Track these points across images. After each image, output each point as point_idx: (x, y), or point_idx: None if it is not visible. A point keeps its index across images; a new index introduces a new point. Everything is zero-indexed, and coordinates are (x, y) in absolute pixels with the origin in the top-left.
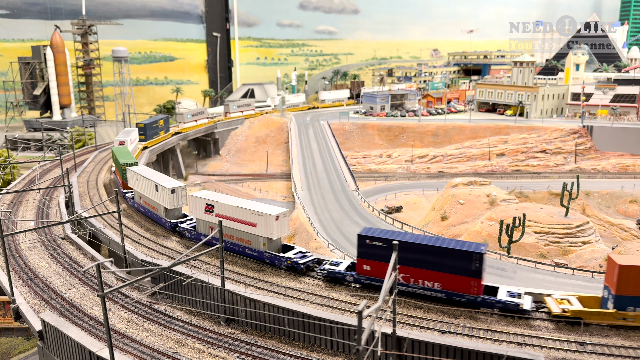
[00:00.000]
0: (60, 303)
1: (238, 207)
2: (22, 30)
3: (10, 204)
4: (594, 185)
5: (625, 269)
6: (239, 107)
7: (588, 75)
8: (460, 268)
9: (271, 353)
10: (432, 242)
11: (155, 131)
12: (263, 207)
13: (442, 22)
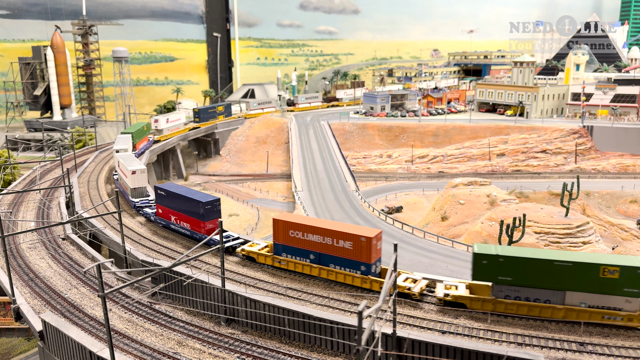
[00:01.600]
0: (60, 303)
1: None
2: (22, 31)
3: (11, 205)
4: (594, 185)
5: (276, 222)
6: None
7: (588, 75)
8: (196, 213)
9: (271, 353)
10: (184, 193)
11: (211, 115)
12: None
13: (442, 22)
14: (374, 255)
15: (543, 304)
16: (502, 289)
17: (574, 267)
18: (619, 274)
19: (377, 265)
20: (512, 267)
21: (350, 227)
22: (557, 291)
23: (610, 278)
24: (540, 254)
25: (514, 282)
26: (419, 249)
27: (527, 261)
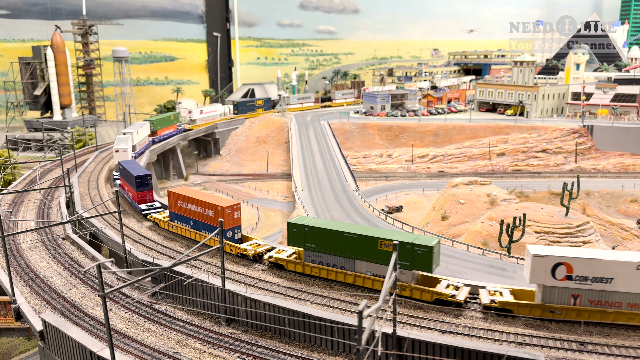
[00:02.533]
0: (61, 303)
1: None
2: (22, 31)
3: (11, 204)
4: (595, 184)
5: (169, 194)
6: (343, 94)
7: (588, 75)
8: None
9: (272, 353)
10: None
11: (250, 108)
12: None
13: (442, 21)
14: (230, 223)
15: (338, 270)
16: (309, 254)
17: (358, 239)
18: (393, 248)
19: (236, 232)
20: (315, 236)
21: (214, 198)
22: (348, 259)
23: (386, 250)
24: (335, 225)
25: (317, 249)
26: None
27: (324, 231)
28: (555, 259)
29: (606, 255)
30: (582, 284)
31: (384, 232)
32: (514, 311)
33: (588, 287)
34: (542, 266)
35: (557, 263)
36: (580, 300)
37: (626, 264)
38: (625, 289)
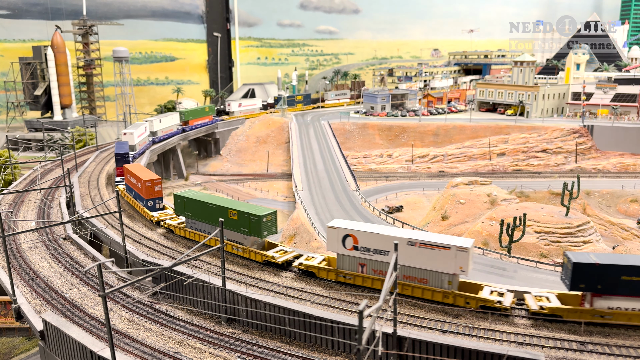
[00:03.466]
0: (61, 303)
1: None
2: (23, 31)
3: (12, 204)
4: (595, 184)
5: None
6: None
7: (588, 75)
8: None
9: (272, 353)
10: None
11: (290, 103)
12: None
13: (442, 21)
14: (152, 194)
15: (206, 235)
16: (188, 222)
17: (216, 209)
18: (237, 217)
19: (157, 202)
20: (191, 206)
21: (144, 174)
22: (212, 226)
23: (234, 219)
24: (202, 197)
25: (192, 217)
26: None
27: (196, 202)
28: (344, 230)
29: (384, 231)
30: (365, 254)
31: (233, 203)
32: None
33: (370, 258)
34: (335, 236)
35: (346, 234)
36: (366, 269)
37: (399, 239)
38: (408, 264)
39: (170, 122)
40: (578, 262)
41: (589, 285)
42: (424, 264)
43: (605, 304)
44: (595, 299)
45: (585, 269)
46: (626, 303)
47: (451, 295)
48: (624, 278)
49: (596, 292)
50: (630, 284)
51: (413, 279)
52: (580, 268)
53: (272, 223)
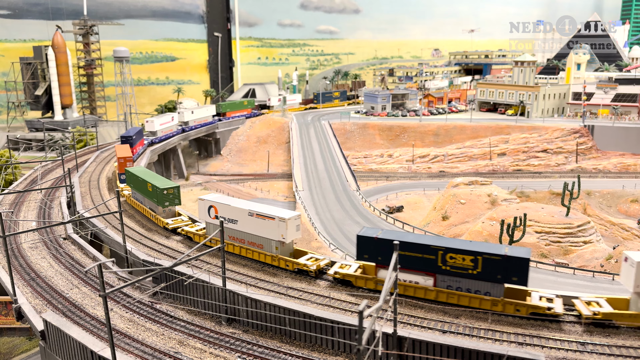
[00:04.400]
0: (62, 303)
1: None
2: (23, 31)
3: (12, 204)
4: (595, 184)
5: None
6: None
7: (589, 75)
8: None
9: (272, 353)
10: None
11: (327, 99)
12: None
13: (443, 21)
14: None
15: (144, 206)
16: (133, 193)
17: (142, 182)
18: (151, 189)
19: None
20: (132, 179)
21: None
22: (144, 198)
23: (149, 191)
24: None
25: (134, 189)
26: None
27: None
28: (209, 202)
29: (233, 203)
30: (226, 223)
31: (152, 177)
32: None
33: (228, 226)
34: (203, 207)
35: (210, 205)
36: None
37: (242, 210)
38: (243, 229)
39: (204, 113)
40: (361, 235)
41: (371, 256)
42: (259, 232)
43: (385, 274)
44: (379, 269)
45: (367, 242)
46: (403, 275)
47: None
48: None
49: (378, 263)
50: (403, 258)
51: (254, 245)
52: (362, 241)
53: (174, 196)
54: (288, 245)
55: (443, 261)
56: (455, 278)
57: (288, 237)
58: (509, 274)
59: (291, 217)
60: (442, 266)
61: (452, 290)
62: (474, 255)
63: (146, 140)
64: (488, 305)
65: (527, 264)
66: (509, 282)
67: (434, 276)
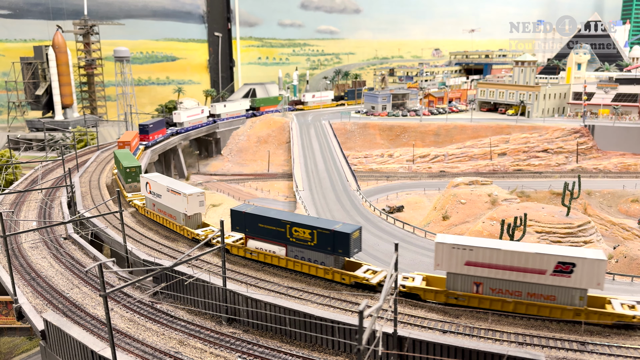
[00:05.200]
0: (62, 303)
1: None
2: (24, 31)
3: (13, 204)
4: (596, 184)
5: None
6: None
7: (590, 75)
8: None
9: (273, 352)
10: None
11: (358, 96)
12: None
13: (443, 21)
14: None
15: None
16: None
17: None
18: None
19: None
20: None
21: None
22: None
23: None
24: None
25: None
26: (420, 249)
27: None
28: (146, 179)
29: (159, 180)
30: (154, 197)
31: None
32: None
33: (156, 199)
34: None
35: (147, 182)
36: (154, 208)
37: (163, 187)
38: (164, 202)
39: (237, 107)
40: (234, 209)
41: (241, 228)
42: (172, 205)
43: (253, 244)
44: (248, 239)
45: (238, 216)
46: (261, 244)
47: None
48: (260, 225)
49: (246, 234)
50: (264, 230)
51: (171, 216)
52: (234, 215)
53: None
54: (194, 218)
55: (290, 234)
56: (299, 248)
57: (189, 211)
58: (336, 246)
59: (193, 193)
60: (290, 238)
61: (298, 259)
62: (311, 229)
63: (169, 130)
64: (322, 274)
65: (348, 238)
66: (336, 254)
67: (285, 246)
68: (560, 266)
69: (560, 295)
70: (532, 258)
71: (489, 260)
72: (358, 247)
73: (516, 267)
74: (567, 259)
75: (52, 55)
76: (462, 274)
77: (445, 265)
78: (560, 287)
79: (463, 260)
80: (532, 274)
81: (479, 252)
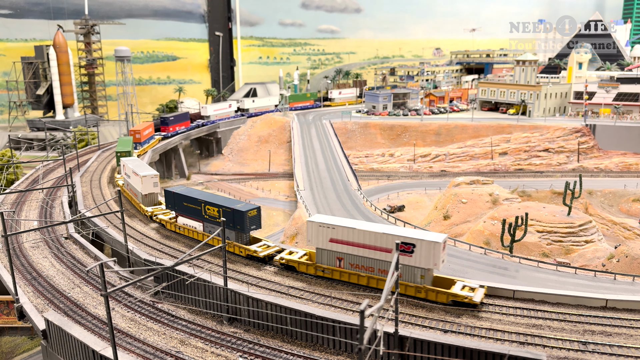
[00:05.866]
0: (63, 302)
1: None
2: (25, 30)
3: (14, 204)
4: (597, 184)
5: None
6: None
7: (591, 74)
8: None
9: (274, 352)
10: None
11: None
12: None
13: (444, 20)
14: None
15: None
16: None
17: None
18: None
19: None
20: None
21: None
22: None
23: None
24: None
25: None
26: None
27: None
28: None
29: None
30: (127, 178)
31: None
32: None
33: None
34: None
35: (123, 164)
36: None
37: (132, 169)
38: (132, 183)
39: (265, 102)
40: (167, 190)
41: (172, 207)
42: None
43: (181, 220)
44: (178, 217)
45: (170, 196)
46: (187, 221)
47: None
48: (185, 204)
49: (177, 212)
50: (188, 208)
51: (135, 195)
52: (167, 195)
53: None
54: (149, 197)
55: (205, 212)
56: (211, 224)
57: (144, 190)
58: (235, 223)
59: (147, 175)
60: (205, 215)
61: (210, 234)
62: (217, 207)
63: (194, 123)
64: (229, 248)
65: (243, 215)
66: (236, 230)
67: (202, 223)
68: (403, 246)
69: (405, 273)
70: (380, 237)
71: (347, 238)
72: (256, 225)
73: (368, 245)
74: (408, 240)
75: (53, 55)
76: (327, 250)
77: (314, 241)
78: (404, 265)
79: (328, 237)
80: (381, 252)
81: (339, 231)
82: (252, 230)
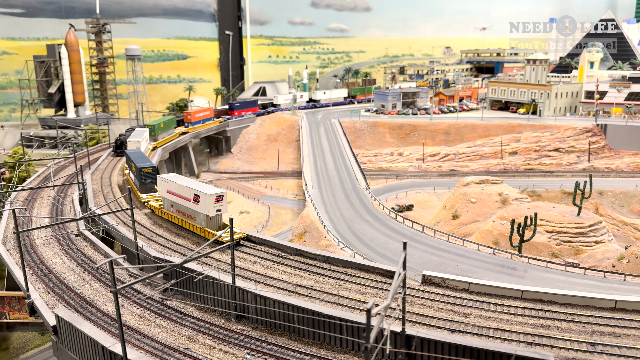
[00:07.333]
0: (74, 298)
1: None
2: (37, 29)
3: (26, 201)
4: (608, 184)
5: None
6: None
7: (602, 73)
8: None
9: (281, 350)
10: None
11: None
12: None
13: (454, 19)
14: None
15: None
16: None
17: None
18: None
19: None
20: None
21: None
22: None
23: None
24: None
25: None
26: (429, 248)
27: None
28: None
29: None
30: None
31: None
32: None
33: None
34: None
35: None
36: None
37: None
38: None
39: (335, 95)
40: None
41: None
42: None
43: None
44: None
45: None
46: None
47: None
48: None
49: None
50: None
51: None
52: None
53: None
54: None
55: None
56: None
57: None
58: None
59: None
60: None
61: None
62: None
63: (262, 109)
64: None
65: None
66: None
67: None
68: (195, 197)
69: (197, 217)
70: (186, 191)
71: (172, 189)
72: (151, 179)
73: (182, 196)
74: (197, 192)
75: (64, 54)
76: (166, 199)
77: (160, 192)
78: (195, 211)
79: (165, 189)
80: (188, 201)
81: (170, 184)
82: (147, 183)
